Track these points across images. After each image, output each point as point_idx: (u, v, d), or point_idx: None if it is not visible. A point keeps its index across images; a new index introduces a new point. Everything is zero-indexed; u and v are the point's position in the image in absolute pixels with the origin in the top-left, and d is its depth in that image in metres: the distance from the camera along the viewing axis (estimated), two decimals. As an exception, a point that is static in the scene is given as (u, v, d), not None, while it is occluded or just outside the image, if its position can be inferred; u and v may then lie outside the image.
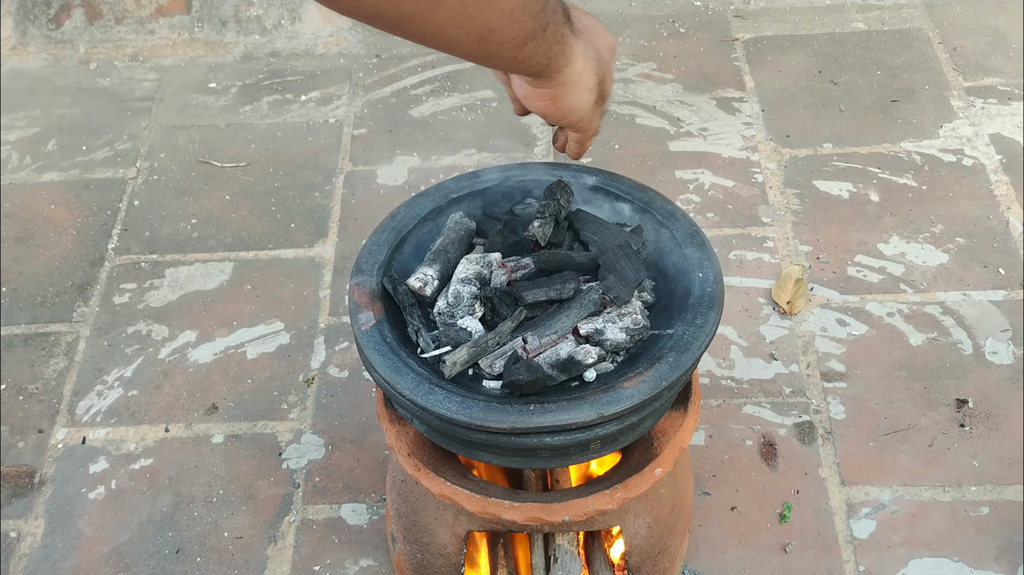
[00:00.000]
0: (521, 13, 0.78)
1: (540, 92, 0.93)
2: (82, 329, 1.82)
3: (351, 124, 2.21)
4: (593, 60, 0.93)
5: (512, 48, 0.81)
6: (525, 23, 0.79)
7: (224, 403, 1.69)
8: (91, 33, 2.44)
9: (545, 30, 0.82)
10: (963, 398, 1.63)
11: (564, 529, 1.18)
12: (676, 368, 1.02)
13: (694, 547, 1.47)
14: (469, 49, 0.78)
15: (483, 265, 1.10)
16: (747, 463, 1.57)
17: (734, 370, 1.69)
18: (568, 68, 0.90)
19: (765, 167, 2.06)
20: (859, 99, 2.20)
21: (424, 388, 1.00)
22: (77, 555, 1.50)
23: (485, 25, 0.76)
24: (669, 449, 1.14)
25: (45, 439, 1.65)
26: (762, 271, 1.85)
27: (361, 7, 0.70)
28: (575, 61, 0.90)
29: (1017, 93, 2.19)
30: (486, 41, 0.78)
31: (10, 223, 2.02)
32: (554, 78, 0.90)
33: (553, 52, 0.86)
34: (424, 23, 0.73)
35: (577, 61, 0.91)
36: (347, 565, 1.48)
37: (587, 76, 0.93)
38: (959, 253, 1.86)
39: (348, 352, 1.75)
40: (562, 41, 0.87)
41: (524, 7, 0.78)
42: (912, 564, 1.44)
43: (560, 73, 0.90)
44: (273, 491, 1.57)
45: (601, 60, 0.95)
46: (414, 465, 1.13)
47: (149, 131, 2.22)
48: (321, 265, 1.91)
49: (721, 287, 1.09)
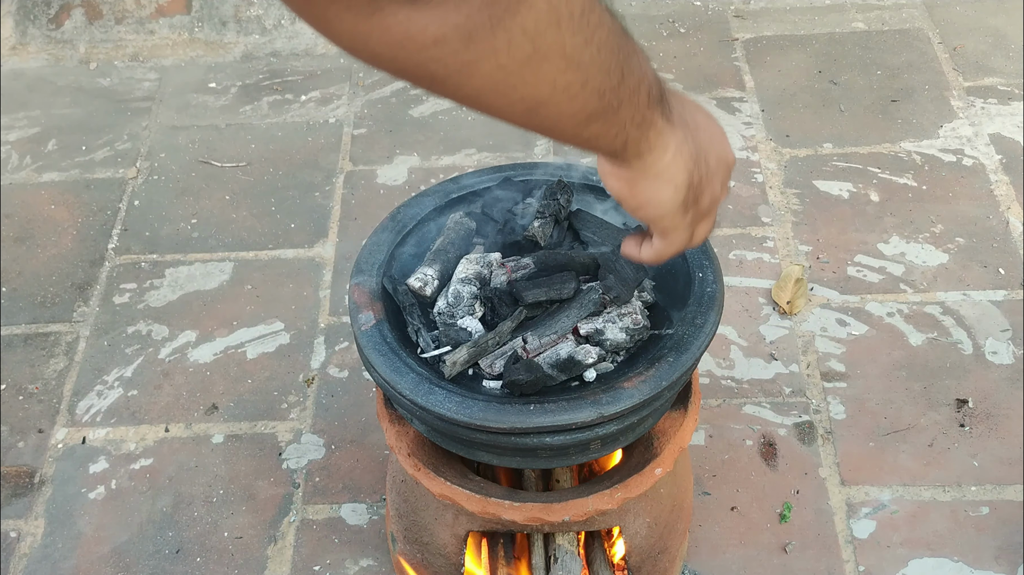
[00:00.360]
0: (581, 89, 0.67)
1: (615, 171, 0.82)
2: (82, 329, 1.82)
3: (351, 124, 2.21)
4: (689, 158, 0.81)
5: (573, 125, 0.71)
6: (586, 100, 0.69)
7: (224, 403, 1.69)
8: (91, 33, 2.44)
9: (618, 111, 0.72)
10: (963, 398, 1.63)
11: (564, 529, 1.18)
12: (676, 368, 1.02)
13: (694, 547, 1.47)
14: (520, 121, 0.69)
15: (483, 265, 1.10)
16: (747, 463, 1.57)
17: (734, 370, 1.69)
18: (650, 156, 0.79)
19: (765, 167, 2.06)
20: (859, 99, 2.20)
21: (424, 388, 1.00)
22: (77, 555, 1.50)
23: (533, 97, 0.66)
24: (669, 449, 1.14)
25: (45, 439, 1.65)
26: (762, 271, 1.85)
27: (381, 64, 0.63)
28: (662, 151, 0.79)
29: (1017, 93, 2.19)
30: (537, 114, 0.68)
31: (10, 223, 2.02)
32: (632, 163, 0.80)
33: (631, 136, 0.76)
34: (457, 87, 0.64)
35: (666, 152, 0.79)
36: (347, 565, 1.48)
37: (675, 171, 0.81)
38: (959, 253, 1.86)
39: (348, 352, 1.75)
40: (645, 125, 0.76)
41: (585, 83, 0.67)
42: (912, 564, 1.44)
43: (640, 159, 0.79)
44: (273, 491, 1.57)
45: (701, 163, 0.83)
46: (414, 465, 1.13)
47: (149, 131, 2.22)
48: (321, 265, 1.91)
49: (721, 287, 1.09)
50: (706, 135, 0.84)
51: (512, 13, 0.60)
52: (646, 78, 0.75)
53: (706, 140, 0.84)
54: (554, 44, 0.63)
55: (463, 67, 0.62)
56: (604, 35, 0.67)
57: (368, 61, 0.62)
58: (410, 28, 0.59)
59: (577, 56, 0.65)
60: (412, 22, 0.58)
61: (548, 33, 0.62)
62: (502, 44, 0.61)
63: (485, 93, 0.65)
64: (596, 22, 0.66)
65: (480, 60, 0.62)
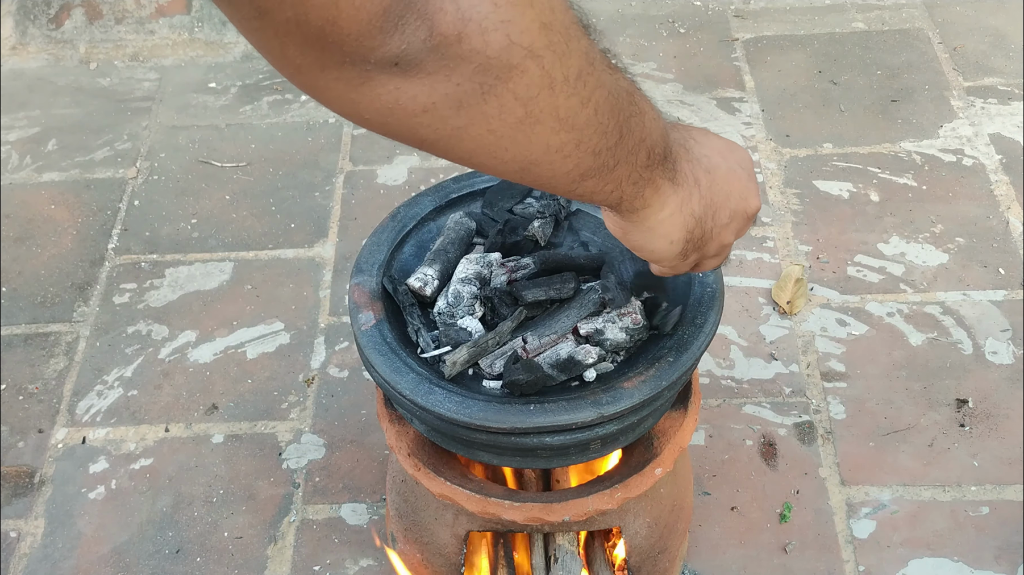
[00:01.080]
0: (575, 149, 0.66)
1: (609, 216, 0.83)
2: (82, 329, 1.82)
3: (351, 124, 2.21)
4: (690, 216, 0.81)
5: (567, 182, 0.70)
6: (580, 159, 0.68)
7: (224, 403, 1.69)
8: (91, 33, 2.44)
9: (614, 169, 0.71)
10: (963, 398, 1.63)
11: (564, 529, 1.18)
12: (676, 368, 1.02)
13: (694, 547, 1.47)
14: (514, 178, 0.69)
15: (483, 265, 1.10)
16: (747, 463, 1.57)
17: (734, 370, 1.69)
18: (645, 211, 0.78)
19: (765, 167, 2.06)
20: (859, 99, 2.21)
21: (424, 388, 1.00)
22: (77, 555, 1.50)
23: (525, 158, 0.66)
24: (669, 449, 1.14)
25: (45, 439, 1.65)
26: (762, 271, 1.85)
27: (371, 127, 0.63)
28: (659, 208, 0.78)
29: (1017, 93, 2.19)
30: (530, 173, 0.67)
31: (10, 223, 2.02)
32: (626, 216, 0.79)
33: (626, 193, 0.75)
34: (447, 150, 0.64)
35: (663, 210, 0.79)
36: (347, 565, 1.48)
37: (671, 228, 0.81)
38: (959, 253, 1.86)
39: (348, 352, 1.75)
40: (642, 183, 0.75)
41: (580, 143, 0.66)
42: (912, 564, 1.44)
43: (634, 213, 0.79)
44: (273, 491, 1.57)
45: (708, 219, 0.82)
46: (414, 465, 1.13)
47: (149, 131, 2.22)
48: (321, 265, 1.91)
49: (721, 287, 1.09)
50: (723, 188, 0.83)
51: (503, 80, 0.59)
52: (648, 138, 0.73)
53: (722, 194, 0.83)
54: (547, 108, 0.63)
55: (453, 132, 0.62)
56: (602, 96, 0.66)
57: (358, 123, 0.62)
58: (399, 97, 0.59)
59: (571, 118, 0.65)
60: (401, 92, 0.58)
61: (541, 97, 0.62)
62: (493, 110, 0.61)
63: (476, 155, 0.65)
64: (594, 84, 0.65)
65: (470, 126, 0.62)
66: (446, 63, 0.57)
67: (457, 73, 0.58)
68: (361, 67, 0.57)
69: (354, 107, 0.60)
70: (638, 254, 0.86)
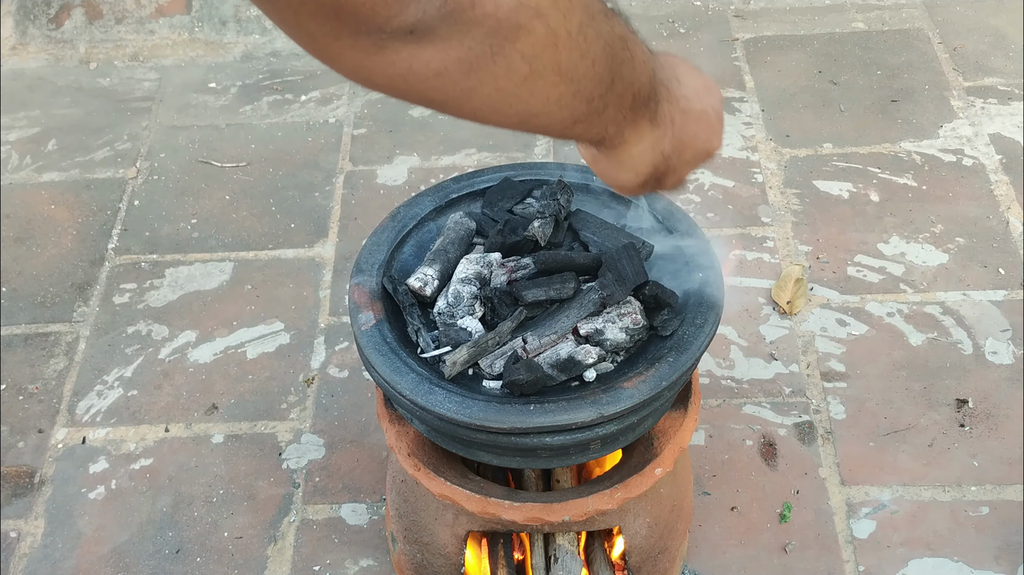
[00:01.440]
0: (572, 99, 0.69)
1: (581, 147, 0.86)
2: (82, 329, 1.82)
3: (351, 124, 2.21)
4: (659, 154, 0.83)
5: (560, 128, 0.73)
6: (576, 107, 0.70)
7: (224, 403, 1.69)
8: (91, 33, 2.44)
9: (603, 113, 0.74)
10: (963, 398, 1.63)
11: (564, 529, 1.18)
12: (676, 368, 1.02)
13: (694, 547, 1.47)
14: (513, 128, 0.71)
15: (483, 265, 1.10)
16: (747, 463, 1.57)
17: (734, 370, 1.69)
18: (621, 147, 0.81)
19: (765, 167, 2.06)
20: (859, 99, 2.20)
21: (424, 388, 1.00)
22: (77, 555, 1.50)
23: (527, 111, 0.68)
24: (669, 449, 1.14)
25: (45, 439, 1.65)
26: (762, 271, 1.85)
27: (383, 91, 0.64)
28: (634, 144, 0.81)
29: (1017, 93, 2.19)
30: (529, 123, 0.70)
31: (10, 223, 2.02)
32: (600, 150, 0.82)
33: (608, 132, 0.77)
34: (455, 109, 0.67)
35: (637, 145, 0.81)
36: (347, 565, 1.48)
37: (640, 163, 0.83)
38: (959, 253, 1.86)
39: (348, 352, 1.75)
40: (624, 124, 0.78)
41: (577, 93, 0.69)
42: (912, 564, 1.44)
43: (611, 149, 0.81)
44: (273, 491, 1.57)
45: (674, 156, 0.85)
46: (414, 465, 1.13)
47: (149, 131, 2.22)
48: (321, 265, 1.91)
49: (721, 287, 1.09)
50: (693, 129, 0.86)
51: (512, 40, 0.61)
52: (636, 82, 0.75)
53: (690, 134, 0.85)
54: (550, 63, 0.64)
55: (462, 93, 0.64)
56: (599, 47, 0.68)
57: (370, 87, 0.64)
58: (413, 64, 0.60)
59: (571, 71, 0.67)
60: (415, 58, 0.59)
61: (545, 54, 0.63)
62: (501, 70, 0.62)
63: (482, 111, 0.67)
64: (593, 35, 0.67)
65: (479, 86, 0.63)
66: (459, 28, 0.58)
67: (469, 37, 0.59)
68: (376, 36, 0.57)
69: (367, 73, 0.61)
70: (600, 177, 0.89)
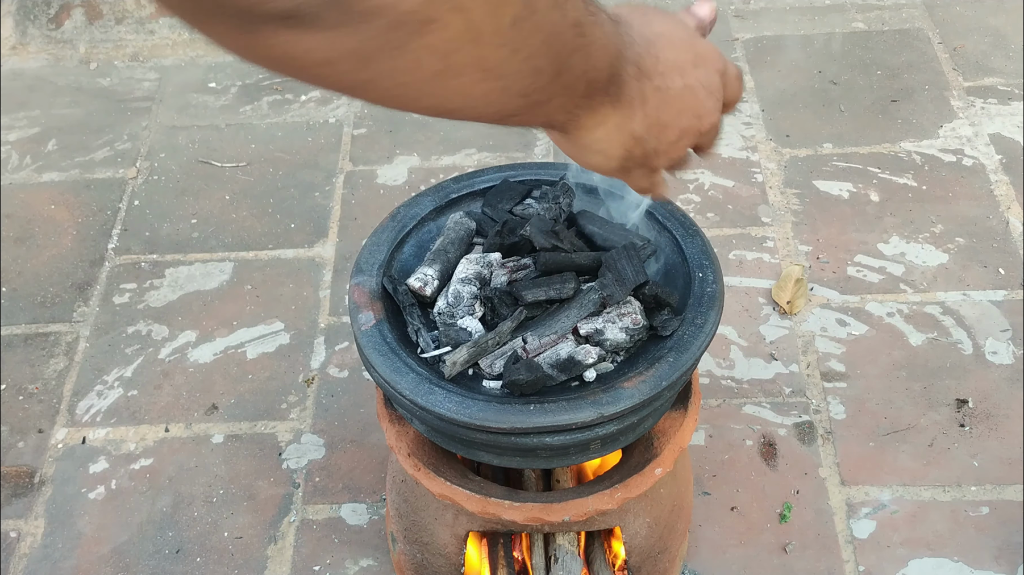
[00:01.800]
0: (502, 94, 0.62)
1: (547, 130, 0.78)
2: (82, 329, 1.82)
3: (351, 124, 2.21)
4: (629, 136, 0.76)
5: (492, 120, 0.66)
6: (507, 102, 0.63)
7: (224, 403, 1.69)
8: (91, 33, 2.44)
9: (546, 104, 0.67)
10: (963, 398, 1.63)
11: (564, 529, 1.18)
12: (676, 368, 1.02)
13: (694, 547, 1.47)
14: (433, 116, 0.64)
15: (483, 265, 1.10)
16: (747, 463, 1.57)
17: (734, 370, 1.69)
18: (577, 132, 0.75)
19: (765, 167, 2.06)
20: (859, 99, 2.20)
21: (424, 388, 1.00)
22: (77, 555, 1.50)
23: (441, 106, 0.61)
24: (669, 449, 1.14)
25: (45, 439, 1.65)
26: (762, 271, 1.85)
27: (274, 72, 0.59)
28: (595, 127, 0.74)
29: (1017, 93, 2.19)
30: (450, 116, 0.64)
31: (10, 223, 2.02)
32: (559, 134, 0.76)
33: (557, 119, 0.71)
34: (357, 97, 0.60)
35: (598, 129, 0.74)
36: (347, 565, 1.48)
37: (606, 146, 0.76)
38: (959, 253, 1.86)
39: (348, 352, 1.75)
40: (577, 111, 0.71)
41: (507, 89, 0.61)
42: (912, 564, 1.44)
43: (566, 133, 0.75)
44: (273, 491, 1.57)
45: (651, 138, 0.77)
46: (414, 465, 1.13)
47: (149, 131, 2.22)
48: (321, 265, 1.91)
49: (721, 287, 1.09)
50: (674, 107, 0.77)
51: (419, 35, 0.53)
52: (592, 69, 0.68)
53: (671, 113, 0.77)
54: (470, 60, 0.57)
55: (359, 84, 0.57)
56: (538, 40, 0.60)
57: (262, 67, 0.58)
58: (290, 50, 0.53)
59: (499, 68, 0.59)
60: (294, 45, 0.52)
61: (464, 50, 0.56)
62: (406, 64, 0.55)
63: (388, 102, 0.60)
64: (530, 29, 0.59)
65: (379, 79, 0.56)
66: (351, 18, 0.51)
67: (364, 29, 0.51)
68: (245, 19, 0.50)
69: (252, 54, 0.55)
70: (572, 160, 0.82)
